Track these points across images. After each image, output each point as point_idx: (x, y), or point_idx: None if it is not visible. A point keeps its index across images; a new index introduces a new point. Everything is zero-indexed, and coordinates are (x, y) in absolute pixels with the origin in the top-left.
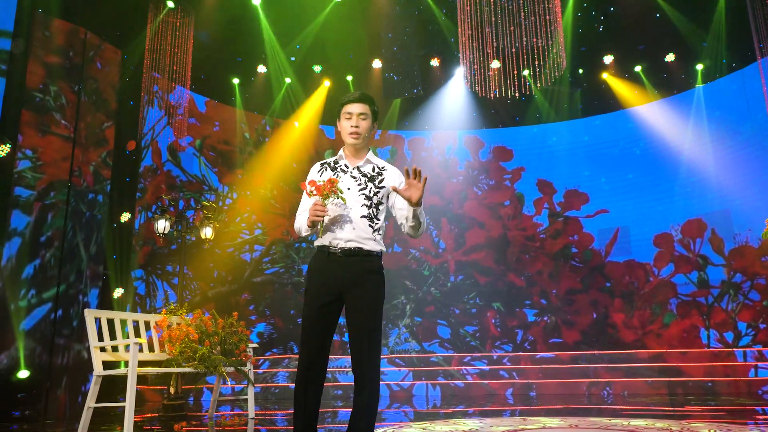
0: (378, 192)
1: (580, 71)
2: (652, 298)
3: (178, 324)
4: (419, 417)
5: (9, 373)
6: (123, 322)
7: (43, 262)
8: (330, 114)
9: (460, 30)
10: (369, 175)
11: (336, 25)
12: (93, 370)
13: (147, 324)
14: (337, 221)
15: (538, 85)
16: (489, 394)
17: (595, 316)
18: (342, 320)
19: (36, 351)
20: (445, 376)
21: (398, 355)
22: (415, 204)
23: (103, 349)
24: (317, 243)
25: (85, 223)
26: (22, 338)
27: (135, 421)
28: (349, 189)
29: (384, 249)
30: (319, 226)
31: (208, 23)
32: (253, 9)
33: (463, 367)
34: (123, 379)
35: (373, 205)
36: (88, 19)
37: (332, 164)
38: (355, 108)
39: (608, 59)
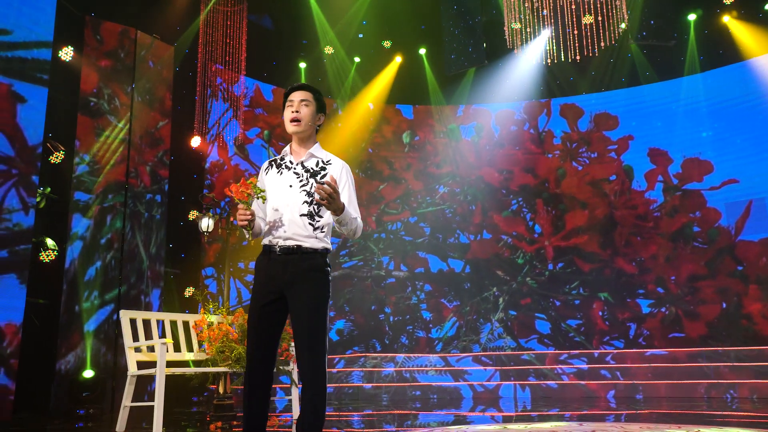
0: None
1: (692, 17)
2: None
3: (219, 323)
4: (503, 420)
5: (75, 372)
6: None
7: (104, 264)
8: (405, 92)
9: None
10: (312, 171)
11: None
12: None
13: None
14: (279, 219)
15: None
16: (586, 396)
17: (724, 306)
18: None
19: (101, 351)
20: (537, 375)
21: (484, 353)
22: (331, 212)
23: (139, 349)
24: (262, 242)
25: (144, 223)
26: (87, 339)
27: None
28: (291, 186)
29: (329, 246)
30: (250, 229)
31: (262, 7)
32: None
33: (558, 366)
34: (191, 378)
35: (315, 203)
36: (137, 19)
37: (278, 161)
38: (297, 95)
39: None
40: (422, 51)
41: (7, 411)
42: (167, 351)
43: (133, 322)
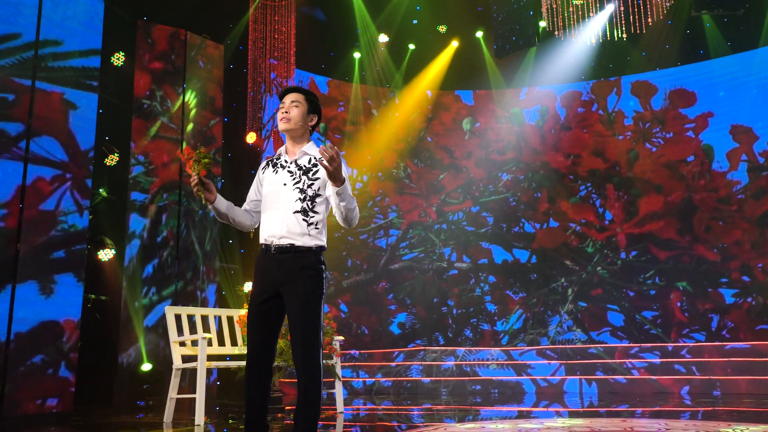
0: (312, 184)
1: None
2: None
3: None
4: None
5: (136, 366)
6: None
7: (161, 261)
8: (464, 77)
9: None
10: (304, 168)
11: None
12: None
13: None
14: (274, 218)
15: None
16: (658, 392)
17: None
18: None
19: (159, 345)
20: (605, 370)
21: (548, 347)
22: (332, 180)
23: (182, 343)
24: (260, 240)
25: (198, 221)
26: (145, 334)
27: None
28: (285, 185)
29: (323, 243)
30: (204, 200)
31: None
32: None
33: (628, 360)
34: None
35: (308, 199)
36: (187, 20)
37: (274, 160)
38: (288, 97)
39: None
40: (479, 34)
41: (69, 402)
42: (211, 345)
43: (178, 317)
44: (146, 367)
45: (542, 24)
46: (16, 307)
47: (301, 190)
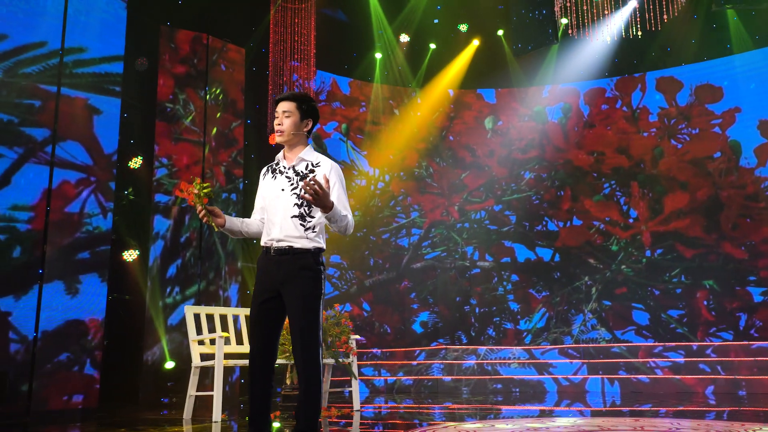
0: None
1: None
2: None
3: None
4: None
5: (159, 364)
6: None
7: (184, 261)
8: (486, 76)
9: None
10: (301, 174)
11: None
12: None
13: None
14: (273, 222)
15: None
16: (682, 391)
17: None
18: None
19: (183, 344)
20: (628, 369)
21: (570, 346)
22: (319, 208)
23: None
24: (261, 243)
25: None
26: (169, 332)
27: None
28: (283, 190)
29: (321, 245)
30: (212, 223)
31: (334, 1)
32: None
33: (652, 360)
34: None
35: (305, 204)
36: (209, 24)
37: (273, 166)
38: (280, 107)
39: None
40: (500, 32)
41: (94, 398)
42: (229, 344)
43: (197, 316)
44: (169, 365)
45: (564, 21)
46: (43, 306)
47: (299, 196)
